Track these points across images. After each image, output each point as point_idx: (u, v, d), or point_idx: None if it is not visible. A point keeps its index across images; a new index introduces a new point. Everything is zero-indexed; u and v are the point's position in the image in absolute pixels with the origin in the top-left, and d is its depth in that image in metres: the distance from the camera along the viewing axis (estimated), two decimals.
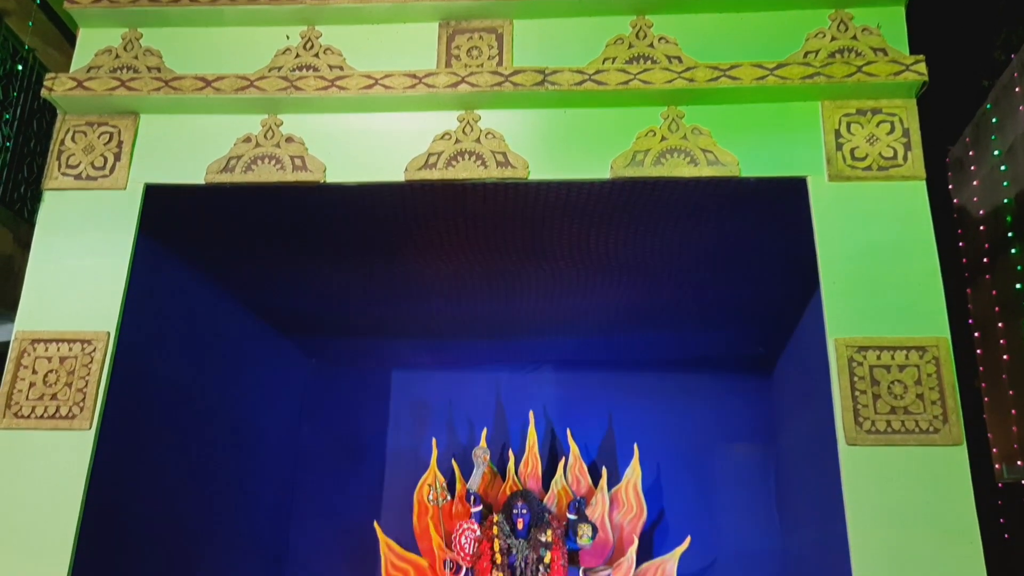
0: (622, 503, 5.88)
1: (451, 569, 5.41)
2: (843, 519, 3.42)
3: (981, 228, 5.86)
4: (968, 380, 5.57)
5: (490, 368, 6.57)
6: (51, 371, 3.81)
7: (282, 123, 4.12)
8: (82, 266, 3.97)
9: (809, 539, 4.94)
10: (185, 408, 4.83)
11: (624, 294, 5.16)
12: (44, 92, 4.14)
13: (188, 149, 4.11)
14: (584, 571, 5.46)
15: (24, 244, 4.30)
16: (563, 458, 6.04)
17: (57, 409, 3.75)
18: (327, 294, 5.38)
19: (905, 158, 3.81)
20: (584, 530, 5.47)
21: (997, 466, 5.60)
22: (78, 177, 4.10)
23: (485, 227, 4.40)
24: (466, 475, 5.93)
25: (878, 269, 3.68)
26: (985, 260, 5.84)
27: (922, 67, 3.80)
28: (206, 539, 5.09)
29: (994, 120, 5.70)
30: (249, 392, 5.74)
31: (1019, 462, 5.39)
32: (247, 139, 4.10)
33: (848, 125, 3.87)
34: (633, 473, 5.93)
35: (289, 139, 4.09)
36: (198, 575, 4.99)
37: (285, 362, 6.42)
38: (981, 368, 5.91)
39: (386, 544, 5.82)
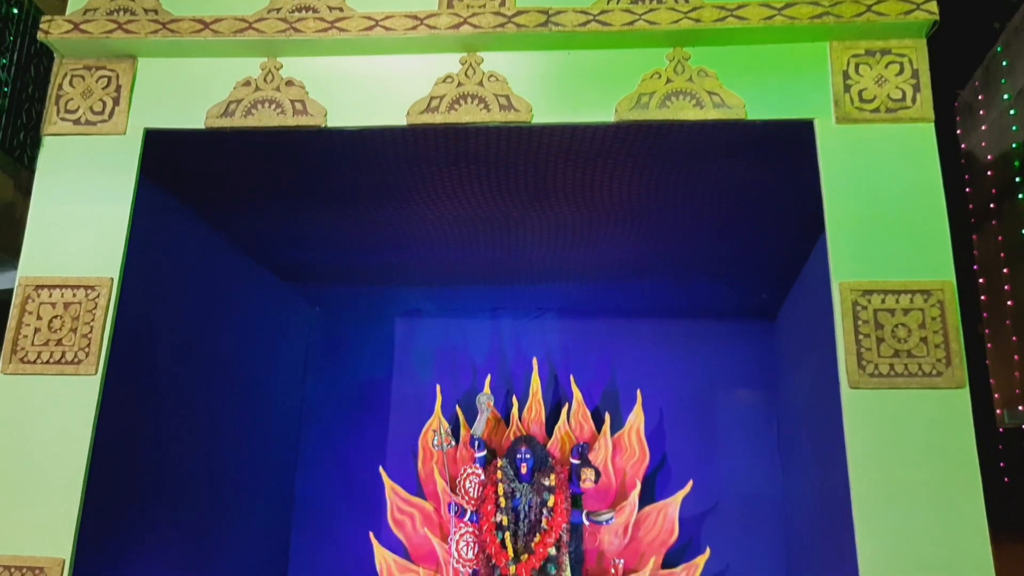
0: (625, 448, 5.94)
1: (455, 512, 5.48)
2: (844, 463, 3.42)
3: (988, 173, 5.81)
4: (971, 325, 5.58)
5: (494, 315, 6.58)
6: (56, 317, 3.81)
7: (282, 66, 4.06)
8: (84, 212, 3.94)
9: (810, 483, 4.99)
10: (189, 354, 4.85)
11: (628, 240, 5.14)
12: (40, 35, 4.06)
13: (187, 93, 4.05)
14: (587, 514, 5.53)
15: (25, 190, 4.28)
16: (566, 404, 6.09)
17: (63, 355, 3.76)
18: (329, 241, 5.36)
19: (914, 100, 3.74)
20: (587, 474, 5.53)
21: (999, 411, 5.63)
22: (77, 122, 4.06)
23: (488, 172, 4.35)
24: (470, 421, 5.98)
25: (884, 213, 3.64)
26: (992, 205, 5.81)
27: (933, 6, 3.71)
28: (213, 484, 5.15)
29: (1004, 63, 5.62)
30: (253, 339, 5.76)
31: (1021, 407, 5.42)
32: (247, 83, 4.04)
33: (856, 66, 3.80)
34: (636, 419, 5.98)
35: (289, 83, 4.03)
36: (205, 520, 5.06)
37: (289, 310, 6.43)
38: (985, 314, 5.92)
39: (392, 489, 5.91)
